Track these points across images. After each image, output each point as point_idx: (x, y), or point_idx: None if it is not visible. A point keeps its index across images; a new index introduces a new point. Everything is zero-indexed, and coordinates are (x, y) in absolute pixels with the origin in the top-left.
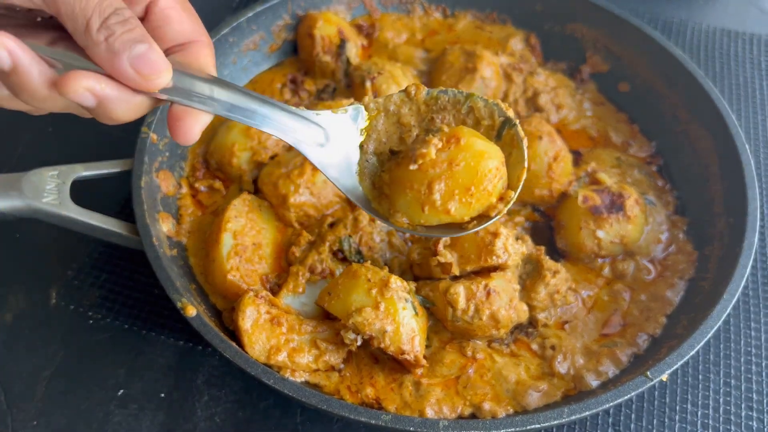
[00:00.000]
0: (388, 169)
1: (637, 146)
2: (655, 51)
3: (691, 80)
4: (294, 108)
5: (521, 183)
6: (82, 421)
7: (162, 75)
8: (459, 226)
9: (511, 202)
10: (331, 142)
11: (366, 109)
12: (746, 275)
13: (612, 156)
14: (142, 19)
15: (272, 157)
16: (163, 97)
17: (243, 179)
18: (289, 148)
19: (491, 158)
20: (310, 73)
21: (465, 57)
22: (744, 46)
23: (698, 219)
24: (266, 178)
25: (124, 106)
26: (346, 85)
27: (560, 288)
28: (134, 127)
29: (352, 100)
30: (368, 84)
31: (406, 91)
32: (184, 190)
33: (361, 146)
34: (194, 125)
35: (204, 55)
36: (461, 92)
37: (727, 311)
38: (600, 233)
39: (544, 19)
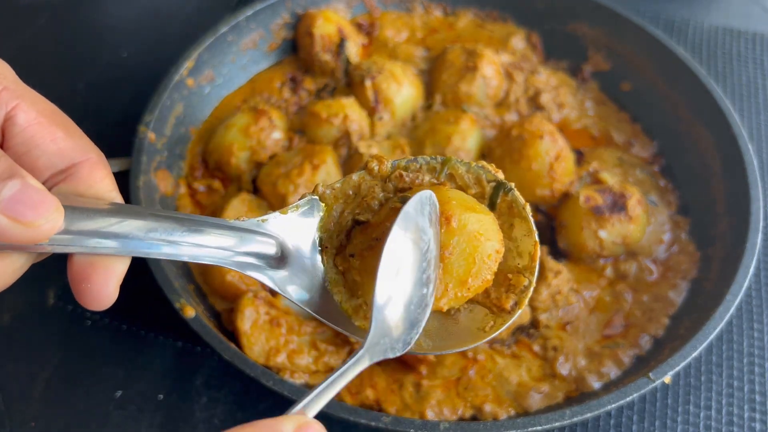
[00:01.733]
0: (359, 259)
1: (639, 146)
2: (657, 50)
3: (694, 79)
4: (233, 222)
5: (537, 263)
6: (80, 422)
7: (51, 216)
8: (478, 330)
9: (529, 295)
10: (290, 253)
11: (322, 199)
12: (749, 276)
13: (614, 155)
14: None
15: (271, 157)
16: (49, 248)
17: (242, 179)
18: (289, 148)
19: (489, 239)
20: (309, 71)
21: (466, 55)
22: (747, 45)
23: (701, 219)
24: (265, 177)
25: None
26: (346, 84)
27: (562, 288)
28: (132, 127)
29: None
30: (368, 83)
31: (366, 168)
32: (183, 189)
33: (323, 247)
34: (108, 281)
35: (98, 178)
36: (435, 158)
37: (730, 312)
38: (602, 233)
39: (545, 18)
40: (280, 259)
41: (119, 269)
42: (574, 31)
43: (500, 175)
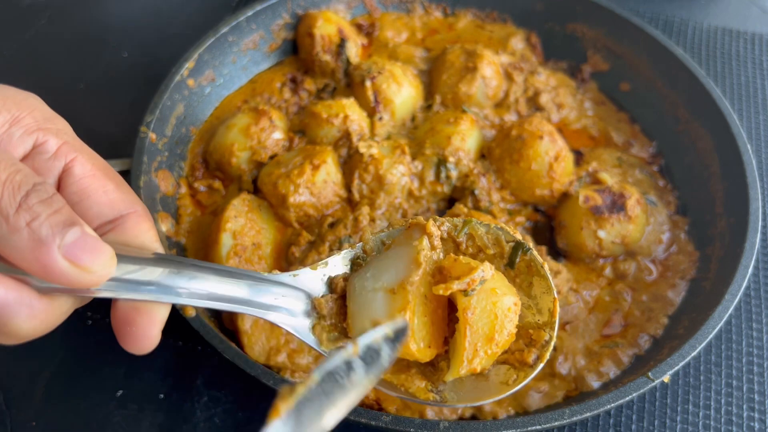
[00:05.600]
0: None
1: (639, 146)
2: (656, 50)
3: (693, 80)
4: (267, 274)
5: (557, 318)
6: (81, 421)
7: (106, 262)
8: (502, 384)
9: (550, 349)
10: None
11: (366, 251)
12: (748, 276)
13: (613, 156)
14: None
15: (272, 157)
16: (103, 294)
17: (242, 179)
18: (289, 148)
19: (506, 294)
20: (310, 72)
21: (465, 56)
22: (746, 46)
23: (700, 219)
24: (266, 177)
25: (28, 315)
26: (346, 84)
27: (561, 288)
28: (133, 127)
29: (352, 98)
30: (368, 83)
31: (389, 225)
32: (183, 189)
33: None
34: (151, 325)
35: (144, 230)
36: (459, 219)
37: (729, 312)
38: (601, 233)
39: (544, 18)
40: (310, 311)
41: (161, 315)
42: (574, 32)
43: (518, 236)
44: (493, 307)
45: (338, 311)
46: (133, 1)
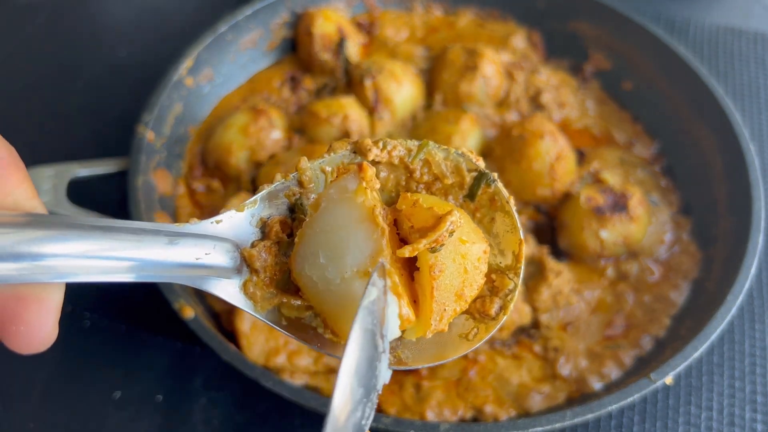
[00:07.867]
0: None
1: (641, 145)
2: (658, 49)
3: (695, 78)
4: (182, 227)
5: (522, 264)
6: (79, 423)
7: None
8: (461, 338)
9: (515, 299)
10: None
11: (302, 184)
12: (751, 276)
13: (615, 155)
14: None
15: (271, 157)
16: None
17: (241, 179)
18: (288, 147)
19: (474, 242)
20: (309, 71)
21: (466, 55)
22: (748, 44)
23: (702, 219)
24: (264, 177)
25: None
26: (346, 83)
27: (563, 289)
28: (131, 126)
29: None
30: (368, 82)
31: (330, 148)
32: (182, 189)
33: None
34: (45, 317)
35: (15, 183)
36: (413, 141)
37: (732, 313)
38: (603, 233)
39: (546, 17)
40: (239, 268)
41: (55, 300)
42: (575, 30)
43: (481, 164)
44: (463, 260)
45: (274, 262)
46: (132, 0)
